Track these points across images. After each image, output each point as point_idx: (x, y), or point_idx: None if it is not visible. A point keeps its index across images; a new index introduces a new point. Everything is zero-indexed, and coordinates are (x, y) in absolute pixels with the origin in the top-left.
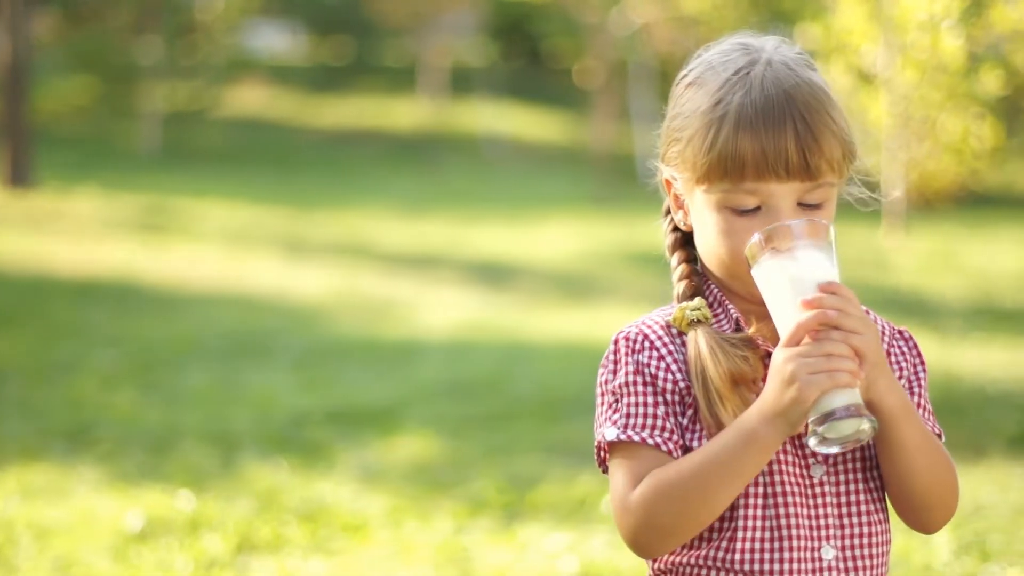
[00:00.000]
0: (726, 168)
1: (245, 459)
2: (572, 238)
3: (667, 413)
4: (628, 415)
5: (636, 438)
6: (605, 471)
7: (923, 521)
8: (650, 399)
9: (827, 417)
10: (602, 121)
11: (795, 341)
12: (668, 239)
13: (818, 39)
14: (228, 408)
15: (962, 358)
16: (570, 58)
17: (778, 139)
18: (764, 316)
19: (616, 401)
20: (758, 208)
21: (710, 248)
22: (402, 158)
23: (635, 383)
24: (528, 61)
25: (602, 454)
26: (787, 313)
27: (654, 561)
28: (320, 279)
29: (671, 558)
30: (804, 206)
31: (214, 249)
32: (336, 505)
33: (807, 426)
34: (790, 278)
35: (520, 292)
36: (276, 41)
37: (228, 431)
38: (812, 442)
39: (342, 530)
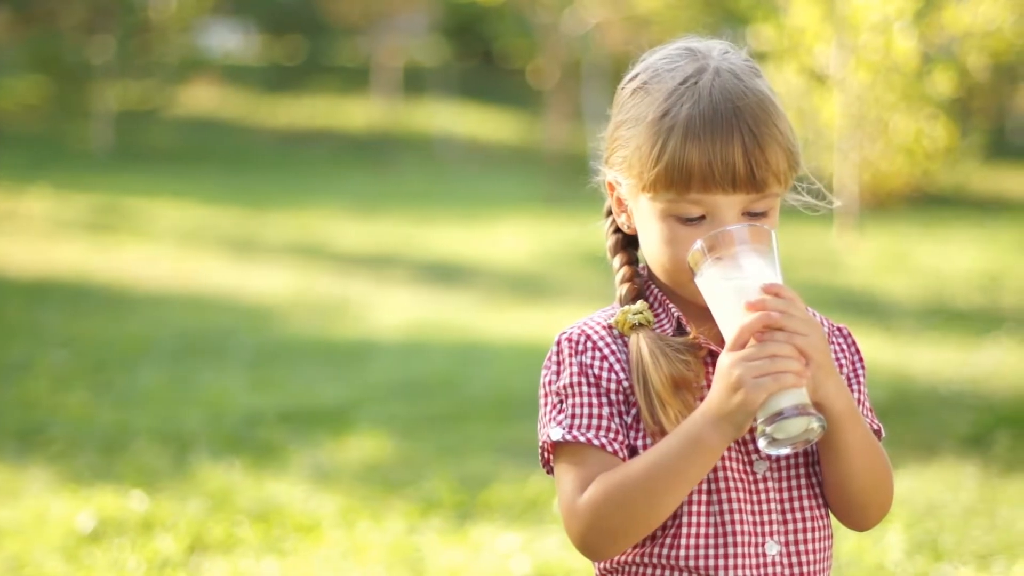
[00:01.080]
0: (672, 179)
1: (198, 459)
2: (525, 238)
3: (611, 414)
4: (573, 416)
5: (582, 439)
6: (549, 471)
7: (858, 519)
8: (594, 400)
9: (775, 417)
10: (555, 121)
11: (740, 344)
12: (610, 241)
13: (771, 39)
14: (181, 408)
15: (915, 358)
16: (523, 58)
17: (726, 152)
18: (707, 317)
19: (561, 402)
20: (703, 218)
21: (654, 255)
22: (355, 158)
23: (579, 384)
24: (481, 61)
25: (546, 455)
26: (731, 318)
27: (601, 562)
28: (273, 279)
29: (617, 557)
30: (749, 215)
31: (167, 249)
32: (289, 505)
33: (754, 428)
34: (733, 283)
35: (473, 292)
36: (229, 40)
37: (181, 431)
38: (762, 443)
39: (294, 530)
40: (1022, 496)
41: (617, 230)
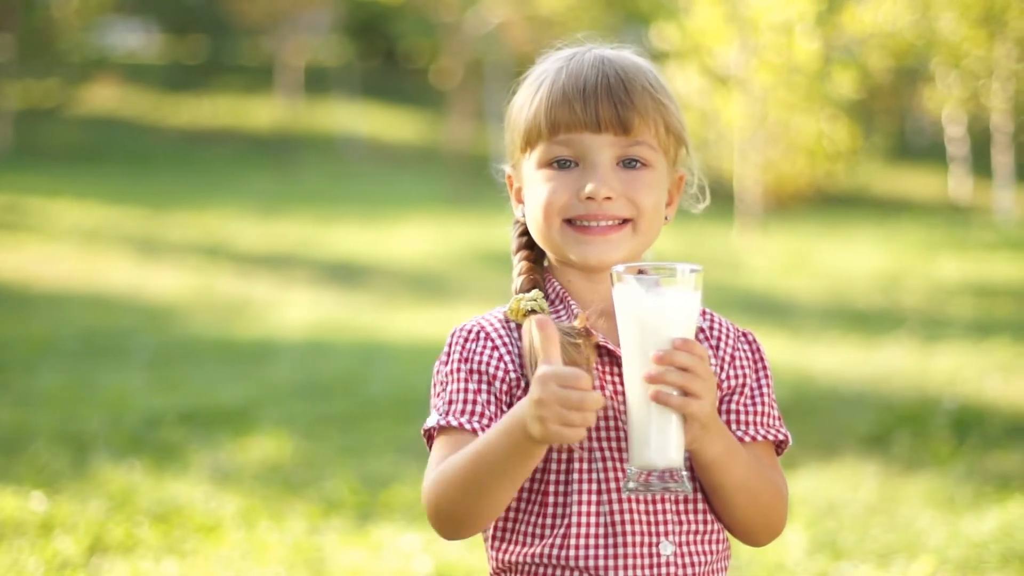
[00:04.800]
0: (541, 125)
1: (98, 460)
2: (427, 238)
3: (488, 401)
4: (450, 401)
5: (455, 423)
6: None
7: (747, 541)
8: (472, 386)
9: (644, 476)
10: (458, 121)
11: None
12: (515, 243)
13: (673, 40)
14: (81, 408)
15: (816, 358)
16: (426, 58)
17: (589, 93)
18: (607, 313)
19: (443, 389)
20: (576, 164)
21: (531, 212)
22: (258, 157)
23: (459, 370)
24: (384, 60)
25: (431, 442)
26: (635, 348)
27: (491, 561)
28: (175, 278)
29: (505, 557)
30: (625, 166)
31: (68, 248)
32: (189, 506)
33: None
34: (649, 316)
35: (375, 292)
36: (131, 39)
37: (81, 432)
38: (628, 485)
39: (195, 531)
40: (921, 495)
41: (523, 233)
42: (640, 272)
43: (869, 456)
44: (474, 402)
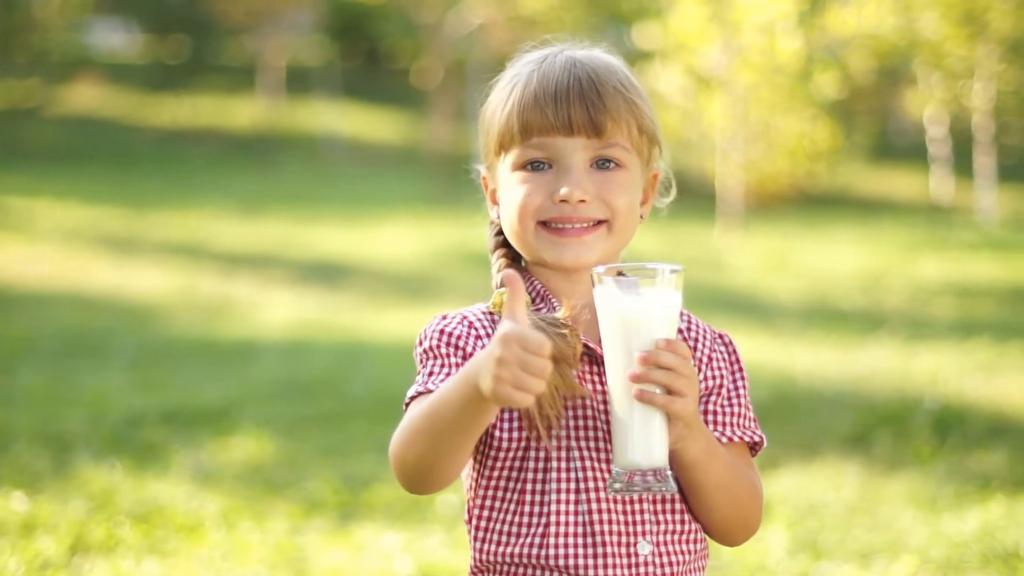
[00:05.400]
0: (514, 129)
1: (79, 460)
2: (409, 238)
3: None
4: (430, 373)
5: (432, 387)
6: None
7: (724, 540)
8: (453, 360)
9: (629, 476)
10: (439, 121)
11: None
12: (491, 242)
13: (656, 40)
14: (62, 408)
15: (797, 358)
16: (408, 58)
17: (561, 96)
18: (589, 307)
19: (423, 365)
20: (550, 166)
21: (506, 214)
22: (239, 157)
23: (439, 346)
24: (366, 60)
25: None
26: (618, 348)
27: (472, 559)
28: (156, 278)
29: (485, 556)
30: (598, 168)
31: (49, 248)
32: (170, 506)
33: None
34: (632, 317)
35: (357, 292)
36: (113, 39)
37: (62, 432)
38: (614, 485)
39: (176, 531)
40: (903, 495)
41: (499, 233)
42: (621, 273)
43: (850, 456)
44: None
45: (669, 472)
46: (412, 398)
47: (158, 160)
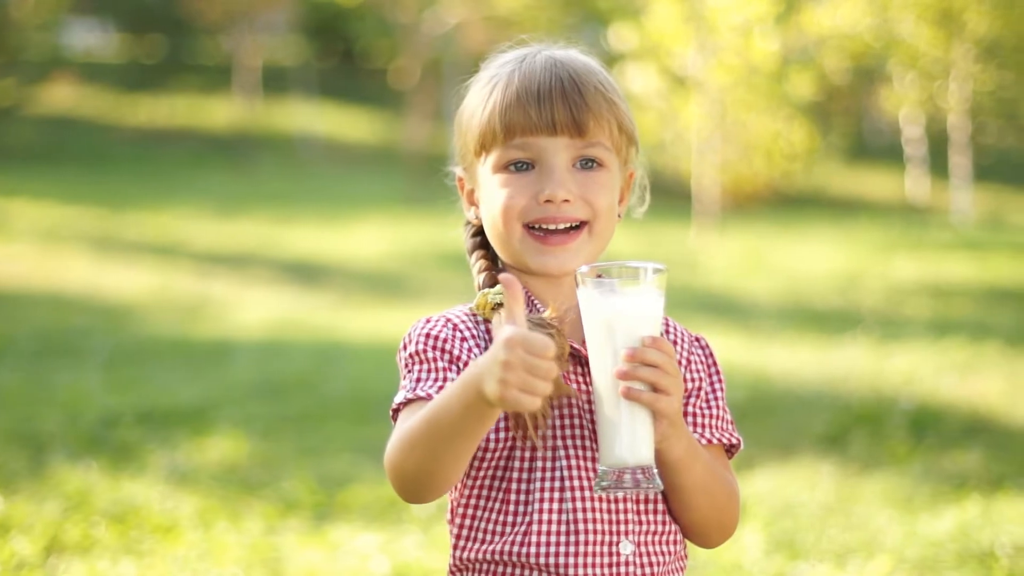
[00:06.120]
0: (496, 129)
1: (55, 460)
2: (385, 238)
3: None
4: (418, 379)
5: (423, 394)
6: None
7: (701, 542)
8: (441, 364)
9: (616, 475)
10: (416, 121)
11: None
12: (468, 243)
13: (631, 41)
14: (37, 408)
15: (772, 358)
16: (384, 58)
17: (544, 96)
18: (573, 308)
19: (409, 370)
20: (533, 166)
21: (490, 217)
22: (216, 157)
23: (425, 350)
24: (342, 60)
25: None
26: (604, 347)
27: (451, 558)
28: (132, 278)
29: (465, 555)
30: (580, 167)
31: (24, 248)
32: (146, 506)
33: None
34: (617, 316)
35: (333, 292)
36: (89, 38)
37: (37, 432)
38: (602, 484)
39: (152, 531)
40: (878, 495)
41: (475, 233)
42: (605, 273)
43: (826, 456)
44: (444, 380)
45: (655, 470)
46: (401, 405)
47: (134, 160)
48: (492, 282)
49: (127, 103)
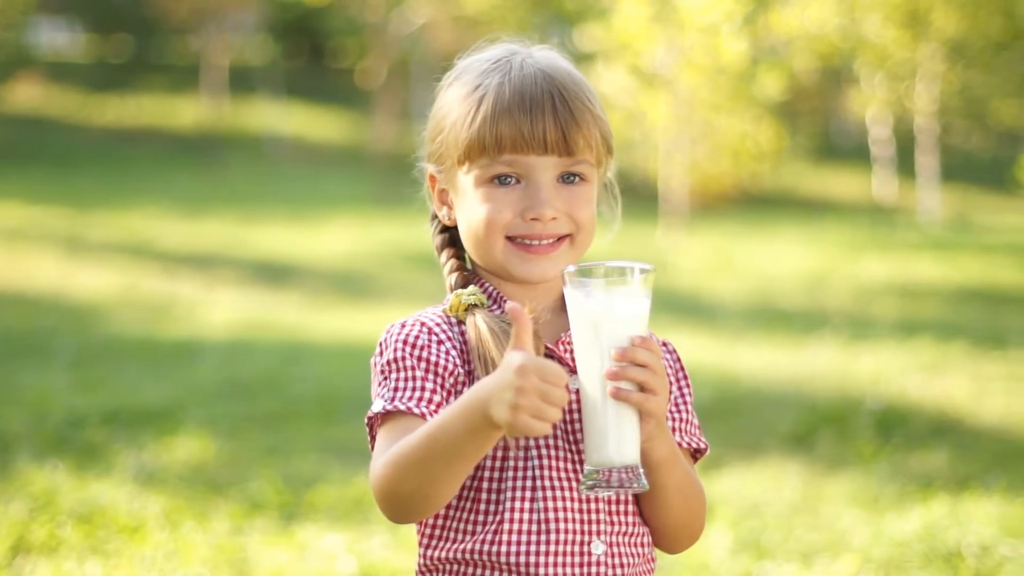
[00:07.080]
0: (485, 143)
1: (20, 461)
2: (352, 238)
3: (435, 388)
4: (396, 388)
5: (402, 407)
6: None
7: (669, 546)
8: (419, 373)
9: (603, 474)
10: (383, 121)
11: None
12: (436, 240)
13: (599, 40)
14: (3, 409)
15: (740, 358)
16: (352, 57)
17: (536, 115)
18: (550, 309)
19: (385, 378)
20: (518, 181)
21: (471, 227)
22: (183, 157)
23: (403, 359)
24: (309, 60)
25: (374, 430)
26: (591, 347)
27: (420, 557)
28: (99, 278)
29: (435, 554)
30: (564, 181)
31: None
32: (112, 506)
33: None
34: (605, 316)
35: (300, 292)
36: (56, 38)
37: (3, 432)
38: (587, 483)
39: (119, 531)
40: (845, 494)
41: (443, 230)
42: (592, 273)
43: (793, 456)
44: (422, 388)
45: (641, 469)
46: (378, 415)
47: (101, 159)
48: (464, 282)
49: (94, 103)
